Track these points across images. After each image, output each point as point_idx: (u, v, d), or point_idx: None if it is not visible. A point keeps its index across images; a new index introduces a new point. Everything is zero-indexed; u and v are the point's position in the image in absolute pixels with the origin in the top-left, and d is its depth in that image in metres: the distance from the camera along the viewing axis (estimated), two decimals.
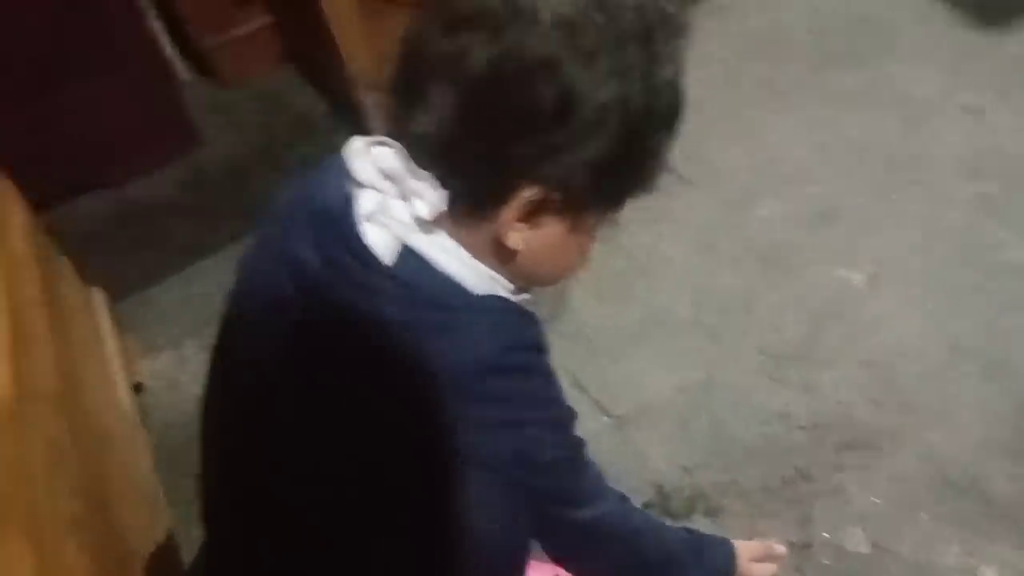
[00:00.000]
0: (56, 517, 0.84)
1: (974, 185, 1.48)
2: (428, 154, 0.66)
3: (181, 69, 2.06)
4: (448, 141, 0.65)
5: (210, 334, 1.53)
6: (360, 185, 0.67)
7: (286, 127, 1.91)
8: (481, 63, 0.62)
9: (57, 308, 1.18)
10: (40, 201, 1.56)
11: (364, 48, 1.61)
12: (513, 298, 0.74)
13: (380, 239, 0.67)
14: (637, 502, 1.16)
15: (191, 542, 1.20)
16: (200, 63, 2.05)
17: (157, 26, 1.96)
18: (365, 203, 0.67)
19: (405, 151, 0.66)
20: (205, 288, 1.59)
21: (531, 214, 0.68)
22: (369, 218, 0.67)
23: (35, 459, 0.85)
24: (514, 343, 0.71)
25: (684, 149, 0.79)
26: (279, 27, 1.99)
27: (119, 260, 1.66)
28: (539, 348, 0.74)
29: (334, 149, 1.95)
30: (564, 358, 1.36)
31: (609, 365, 1.35)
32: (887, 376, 1.25)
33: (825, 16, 1.88)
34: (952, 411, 1.19)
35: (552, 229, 0.70)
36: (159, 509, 1.17)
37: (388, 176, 0.67)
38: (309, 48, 1.87)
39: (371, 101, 1.67)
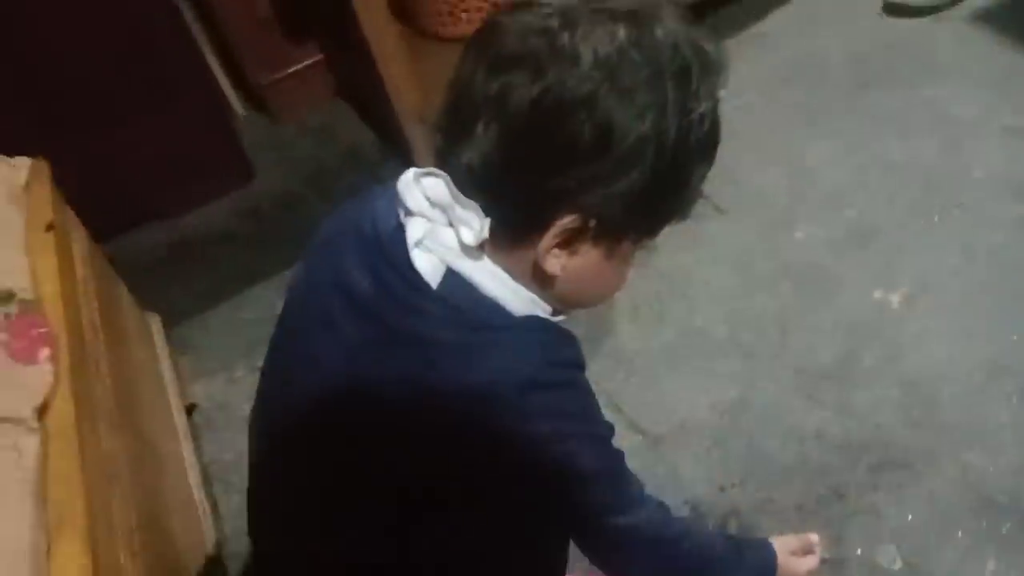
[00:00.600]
0: (110, 526, 0.89)
1: (1015, 207, 1.47)
2: (472, 185, 0.70)
3: (237, 105, 2.15)
4: (491, 173, 0.69)
5: (259, 357, 1.58)
6: (410, 213, 0.72)
7: (336, 159, 1.98)
8: (523, 101, 0.67)
9: (115, 331, 1.25)
10: (101, 231, 1.64)
11: (410, 84, 1.66)
12: (552, 319, 0.78)
13: (427, 264, 0.71)
14: None
15: (238, 556, 1.26)
16: (255, 99, 2.14)
17: (214, 64, 2.06)
18: (414, 230, 0.72)
19: (451, 182, 0.71)
20: (256, 313, 1.66)
21: (569, 241, 0.72)
22: (418, 244, 0.71)
23: (92, 472, 0.90)
24: (554, 360, 0.75)
25: (722, 173, 0.82)
26: (330, 64, 2.07)
27: (174, 287, 1.73)
28: (578, 365, 0.78)
29: (381, 179, 2.02)
30: (601, 378, 1.39)
31: (645, 385, 1.37)
32: (924, 396, 1.25)
33: (863, 41, 1.89)
34: (990, 432, 1.18)
35: (589, 255, 0.74)
36: (207, 523, 1.22)
37: (436, 204, 0.72)
38: (358, 84, 1.94)
39: (416, 134, 1.72)
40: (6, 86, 1.63)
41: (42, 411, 0.93)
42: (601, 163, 0.67)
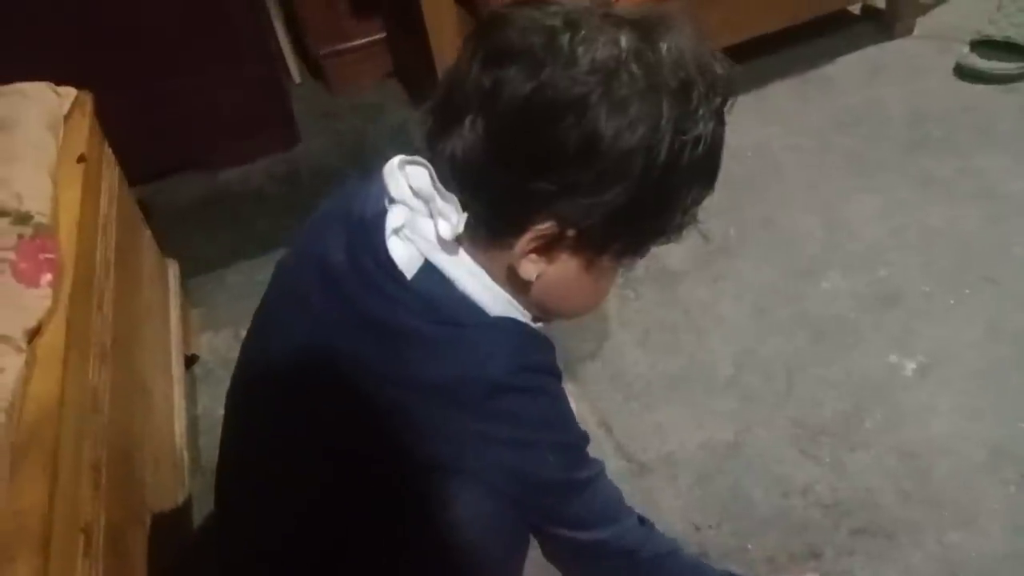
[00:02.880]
0: (78, 456, 0.90)
1: None
2: (454, 178, 0.70)
3: (295, 71, 2.18)
4: (473, 168, 0.68)
5: None
6: (393, 200, 0.72)
7: (381, 137, 2.00)
8: (515, 98, 0.66)
9: (128, 271, 1.27)
10: (141, 172, 1.68)
11: None
12: (530, 324, 0.77)
13: (404, 253, 0.71)
14: None
15: (208, 509, 1.27)
16: (313, 68, 2.17)
17: (279, 28, 2.09)
18: (395, 218, 0.71)
19: (434, 172, 0.70)
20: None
21: (546, 248, 0.71)
22: (396, 232, 0.71)
23: (70, 403, 0.92)
24: (525, 364, 0.73)
25: (760, 211, 0.79)
26: (389, 43, 2.09)
27: (199, 238, 1.76)
28: (551, 371, 0.76)
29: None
30: (596, 397, 1.38)
31: (640, 411, 1.35)
32: (919, 469, 1.21)
33: (927, 100, 1.85)
34: (980, 516, 1.14)
35: (567, 265, 0.73)
36: (181, 473, 1.23)
37: (418, 194, 0.71)
38: (413, 66, 1.96)
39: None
40: (73, 21, 1.68)
41: (33, 334, 0.95)
42: (584, 171, 0.66)
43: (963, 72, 1.89)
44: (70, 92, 1.32)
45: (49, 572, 0.74)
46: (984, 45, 1.86)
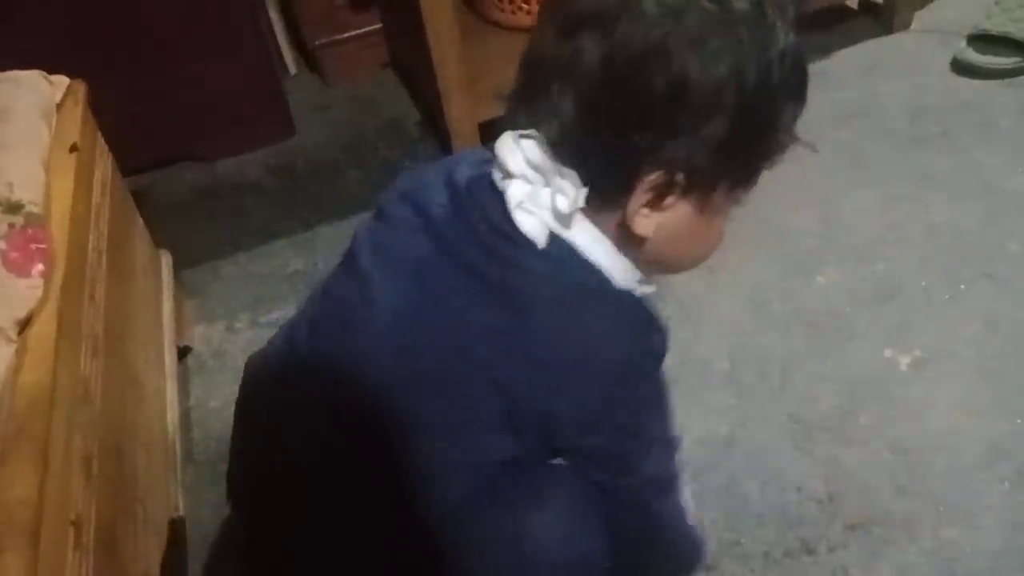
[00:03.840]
0: (69, 447, 0.89)
1: None
2: (555, 154, 0.70)
3: (290, 62, 2.16)
4: (572, 139, 0.69)
5: (264, 311, 1.61)
6: (510, 175, 0.72)
7: (376, 130, 1.99)
8: (594, 61, 0.67)
9: (120, 262, 1.26)
10: (134, 163, 1.67)
11: (458, 64, 1.66)
12: (642, 290, 0.78)
13: (532, 225, 0.72)
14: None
15: (200, 502, 1.26)
16: (308, 58, 2.16)
17: (275, 18, 2.08)
18: (516, 191, 0.72)
19: (545, 140, 0.70)
20: (269, 268, 1.67)
21: (657, 199, 0.71)
22: (519, 206, 0.72)
23: (61, 392, 0.91)
24: (647, 350, 0.76)
25: (754, 207, 0.80)
26: (386, 34, 2.08)
27: (194, 229, 1.75)
28: (662, 356, 0.78)
29: (418, 156, 2.01)
30: None
31: None
32: (915, 464, 1.21)
33: (926, 95, 1.85)
34: (976, 512, 1.14)
35: (680, 212, 0.73)
36: (174, 465, 1.22)
37: (536, 168, 0.71)
38: (409, 58, 1.95)
39: (456, 115, 1.71)
40: (67, 10, 1.66)
41: (24, 324, 0.95)
42: (679, 113, 0.66)
43: (960, 67, 1.88)
44: (63, 81, 1.31)
45: (39, 564, 0.73)
46: (981, 40, 1.85)
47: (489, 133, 1.77)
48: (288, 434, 0.85)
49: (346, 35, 2.05)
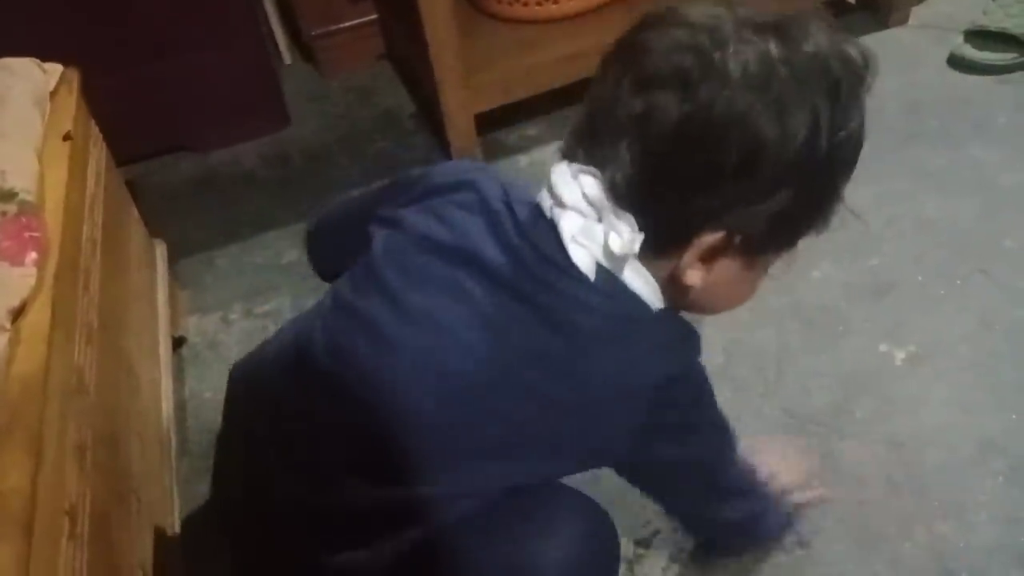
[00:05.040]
0: (63, 437, 0.89)
1: None
2: (615, 198, 0.71)
3: (285, 52, 2.15)
4: (636, 191, 0.70)
5: (259, 302, 1.61)
6: (563, 205, 0.72)
7: (371, 121, 1.98)
8: (670, 121, 0.66)
9: (114, 251, 1.25)
10: (129, 152, 1.66)
11: (455, 57, 1.65)
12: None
13: (582, 257, 0.72)
14: (630, 538, 1.16)
15: (195, 492, 1.26)
16: (304, 49, 2.15)
17: (270, 8, 2.07)
18: (569, 224, 0.72)
19: (604, 183, 0.71)
20: (264, 259, 1.66)
21: (710, 255, 0.73)
22: (573, 239, 0.72)
23: (54, 383, 0.90)
24: (691, 356, 0.82)
25: None
26: (382, 25, 2.07)
27: (189, 220, 1.75)
28: (699, 355, 0.83)
29: (412, 148, 1.99)
30: None
31: None
32: (908, 459, 1.21)
33: (922, 90, 1.85)
34: (968, 508, 1.14)
35: (729, 269, 0.75)
36: (168, 455, 1.22)
37: (591, 203, 0.72)
38: (405, 49, 1.94)
39: (451, 107, 1.71)
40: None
41: (17, 313, 0.94)
42: (750, 183, 0.67)
43: (956, 63, 1.88)
44: (56, 68, 1.30)
45: (32, 555, 0.72)
46: (978, 36, 1.86)
47: (484, 125, 1.77)
48: (298, 448, 0.84)
49: (342, 25, 2.04)
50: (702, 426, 0.85)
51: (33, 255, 0.98)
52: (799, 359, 1.37)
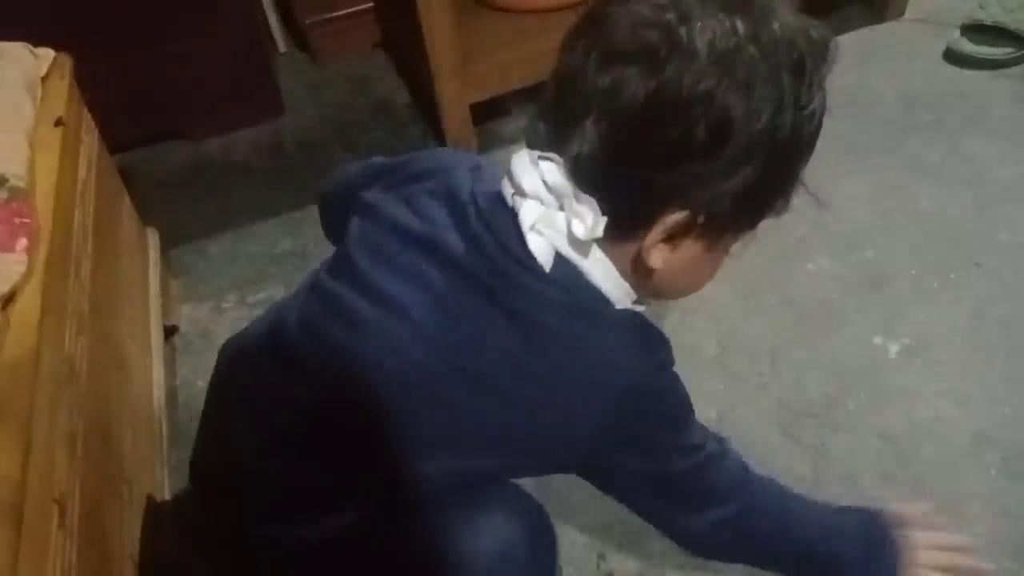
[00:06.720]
0: (53, 424, 0.88)
1: None
2: (579, 178, 0.70)
3: (280, 40, 2.14)
4: (599, 168, 0.69)
5: (252, 291, 1.60)
6: (523, 194, 0.72)
7: (366, 110, 1.97)
8: (637, 96, 0.66)
9: (106, 239, 1.24)
10: (123, 140, 1.65)
11: (450, 45, 1.64)
12: (637, 309, 0.79)
13: (540, 247, 0.71)
14: (624, 530, 1.16)
15: (186, 481, 1.25)
16: (299, 37, 2.14)
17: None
18: (528, 212, 0.71)
19: (567, 163, 0.70)
20: (257, 248, 1.65)
21: (674, 235, 0.72)
22: (532, 227, 0.71)
23: (45, 370, 0.90)
24: (655, 363, 0.78)
25: None
26: (377, 13, 2.06)
27: (182, 208, 1.74)
28: (670, 365, 0.80)
29: (408, 138, 1.98)
30: None
31: None
32: (902, 452, 1.21)
33: (919, 84, 1.84)
34: (962, 500, 1.15)
35: (691, 249, 0.74)
36: (159, 444, 1.21)
37: (552, 190, 0.71)
38: (400, 37, 1.93)
39: (446, 97, 1.70)
40: None
41: (7, 300, 0.93)
42: (715, 160, 0.66)
43: (953, 56, 1.88)
44: (48, 53, 1.29)
45: (22, 543, 0.72)
46: (974, 30, 1.85)
47: (480, 115, 1.76)
48: (263, 421, 0.85)
49: (337, 13, 2.03)
50: (669, 447, 0.81)
51: (24, 241, 0.98)
52: (793, 351, 1.37)
